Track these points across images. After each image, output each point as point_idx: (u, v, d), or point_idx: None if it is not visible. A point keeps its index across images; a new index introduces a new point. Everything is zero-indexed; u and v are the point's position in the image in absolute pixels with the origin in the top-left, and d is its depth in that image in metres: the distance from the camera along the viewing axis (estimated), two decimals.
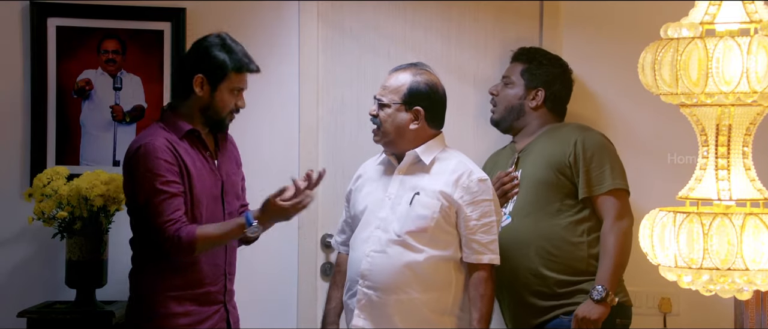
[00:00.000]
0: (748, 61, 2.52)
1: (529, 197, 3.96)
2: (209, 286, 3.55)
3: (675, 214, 2.64)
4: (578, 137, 3.94)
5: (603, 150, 3.93)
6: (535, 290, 3.91)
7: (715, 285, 2.62)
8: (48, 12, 4.30)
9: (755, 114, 2.64)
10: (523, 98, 4.12)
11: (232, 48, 3.55)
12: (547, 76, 4.13)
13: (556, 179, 3.93)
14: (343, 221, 3.93)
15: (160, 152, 3.42)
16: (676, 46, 2.59)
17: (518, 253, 3.91)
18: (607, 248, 3.84)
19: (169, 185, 3.41)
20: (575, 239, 3.91)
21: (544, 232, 3.91)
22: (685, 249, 2.61)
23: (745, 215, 2.58)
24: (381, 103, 3.72)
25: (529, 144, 4.08)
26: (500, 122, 4.18)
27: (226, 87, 3.54)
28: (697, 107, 2.65)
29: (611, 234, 3.85)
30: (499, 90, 4.18)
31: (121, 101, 4.36)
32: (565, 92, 4.19)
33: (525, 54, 4.18)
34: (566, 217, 3.92)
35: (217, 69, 3.52)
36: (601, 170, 3.90)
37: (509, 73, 4.18)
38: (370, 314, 3.68)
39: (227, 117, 3.59)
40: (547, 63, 4.15)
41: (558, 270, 3.89)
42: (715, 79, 2.55)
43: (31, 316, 4.07)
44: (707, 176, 2.67)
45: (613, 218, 3.85)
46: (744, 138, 2.66)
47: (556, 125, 4.12)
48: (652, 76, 2.65)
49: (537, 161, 3.99)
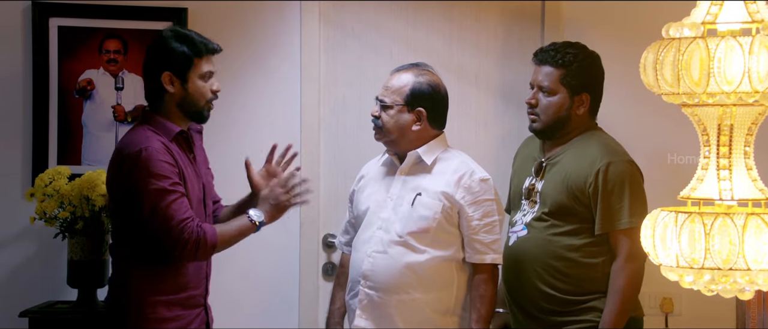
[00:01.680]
0: (749, 61, 2.52)
1: (547, 213, 3.82)
2: (193, 289, 3.52)
3: (677, 214, 2.64)
4: (602, 164, 3.73)
5: (624, 184, 3.73)
6: (543, 306, 3.81)
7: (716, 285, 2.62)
8: (50, 12, 4.30)
9: (757, 114, 2.64)
10: (569, 107, 3.83)
11: (186, 36, 3.47)
12: (590, 78, 3.86)
13: (572, 204, 3.77)
14: (347, 222, 3.93)
15: (161, 155, 3.36)
16: (678, 46, 2.59)
17: (529, 267, 3.82)
18: (615, 288, 3.72)
19: (177, 186, 3.37)
20: (589, 260, 3.77)
21: (557, 252, 3.78)
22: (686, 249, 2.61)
23: (746, 215, 2.57)
24: (383, 104, 3.72)
25: (556, 153, 3.87)
26: (545, 131, 3.87)
27: (194, 75, 3.45)
28: (699, 107, 2.65)
29: (622, 275, 3.71)
30: (538, 99, 3.86)
31: (122, 101, 4.36)
32: (602, 85, 3.92)
33: (558, 57, 3.83)
34: (582, 238, 3.78)
35: (181, 60, 3.44)
36: (620, 206, 3.72)
37: (546, 80, 3.83)
38: (372, 314, 3.68)
39: (205, 107, 3.50)
40: (585, 64, 3.85)
41: (568, 289, 3.78)
42: (717, 79, 2.54)
43: (33, 316, 4.08)
44: (709, 176, 2.66)
45: (625, 258, 3.70)
46: (746, 138, 2.65)
47: (587, 135, 3.87)
48: (654, 76, 2.65)
49: (558, 180, 3.81)
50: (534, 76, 3.89)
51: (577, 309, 3.78)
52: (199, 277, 3.53)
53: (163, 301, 3.43)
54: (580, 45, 3.89)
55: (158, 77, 3.44)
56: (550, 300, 3.79)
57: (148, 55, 3.49)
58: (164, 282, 3.43)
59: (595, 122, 3.92)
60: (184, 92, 3.45)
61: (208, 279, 3.60)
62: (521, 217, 3.90)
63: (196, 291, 3.53)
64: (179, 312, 3.47)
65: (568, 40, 3.92)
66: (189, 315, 3.50)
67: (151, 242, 3.36)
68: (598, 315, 3.75)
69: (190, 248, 3.33)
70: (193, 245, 3.33)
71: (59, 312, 4.11)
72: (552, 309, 3.79)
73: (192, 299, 3.51)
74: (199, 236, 3.34)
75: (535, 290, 3.81)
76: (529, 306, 3.85)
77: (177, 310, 3.46)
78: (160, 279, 3.43)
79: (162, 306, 3.43)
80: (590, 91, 3.86)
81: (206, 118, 3.53)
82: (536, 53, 3.90)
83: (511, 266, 3.86)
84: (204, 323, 3.57)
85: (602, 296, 3.76)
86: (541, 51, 3.89)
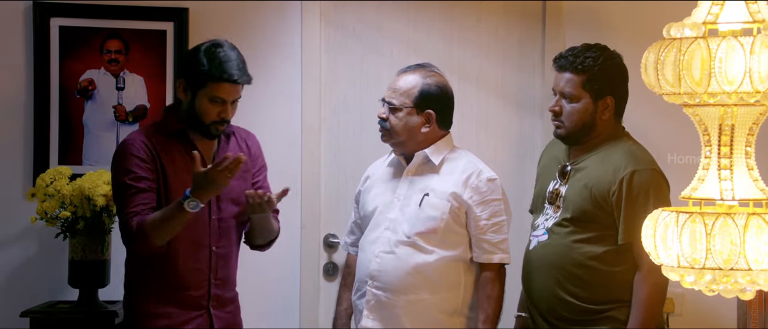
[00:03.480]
0: (751, 61, 2.52)
1: (568, 219, 3.75)
2: (191, 290, 3.53)
3: (678, 214, 2.63)
4: (626, 173, 3.66)
5: (648, 193, 3.65)
6: (561, 313, 3.75)
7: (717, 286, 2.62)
8: (51, 12, 4.30)
9: (758, 114, 2.64)
10: (593, 112, 3.74)
11: (217, 55, 3.46)
12: (612, 81, 3.77)
13: (595, 211, 3.70)
14: (353, 223, 3.92)
15: (134, 149, 3.47)
16: (679, 46, 2.59)
17: (548, 272, 3.75)
18: (639, 299, 3.64)
19: (139, 180, 3.45)
20: (609, 269, 3.70)
21: (578, 259, 3.71)
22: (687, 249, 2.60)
23: (747, 215, 2.57)
24: (392, 106, 3.69)
25: (582, 158, 3.80)
26: (570, 137, 3.79)
27: (204, 95, 3.48)
28: (700, 107, 2.64)
29: (645, 286, 3.64)
30: (561, 106, 3.77)
31: (123, 101, 4.36)
32: (627, 86, 3.82)
33: (578, 63, 3.74)
34: (603, 246, 3.71)
35: (196, 75, 3.48)
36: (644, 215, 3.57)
37: (567, 87, 3.74)
38: (379, 314, 3.68)
39: (211, 126, 3.52)
40: (606, 67, 3.75)
41: (587, 297, 3.71)
42: (718, 79, 2.54)
43: (35, 316, 4.08)
44: (710, 176, 2.66)
45: (649, 268, 3.57)
46: (747, 138, 2.65)
47: (614, 142, 3.78)
48: (655, 76, 2.65)
49: (581, 186, 3.74)
50: (555, 82, 3.81)
51: (595, 319, 3.71)
52: (198, 278, 3.53)
53: (153, 296, 3.51)
54: (601, 46, 3.79)
55: (178, 80, 3.57)
56: (568, 307, 3.72)
57: (181, 55, 3.57)
58: (156, 278, 3.52)
59: (621, 125, 3.84)
60: (191, 105, 3.51)
61: (215, 282, 3.58)
62: (544, 221, 3.81)
63: (196, 293, 3.53)
64: (171, 309, 3.50)
65: (588, 43, 3.81)
66: (183, 314, 3.52)
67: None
68: (616, 325, 3.68)
69: (126, 240, 3.48)
70: (134, 237, 3.43)
71: (60, 312, 4.11)
72: (569, 317, 3.72)
73: (190, 299, 3.52)
74: (132, 228, 3.42)
75: (554, 296, 3.73)
76: (546, 312, 3.77)
77: (169, 307, 3.50)
78: (154, 275, 3.52)
79: (152, 300, 3.50)
80: (614, 93, 3.77)
81: (212, 135, 3.56)
82: (556, 59, 3.81)
83: (530, 270, 3.83)
84: (207, 326, 3.57)
85: (621, 305, 3.69)
86: (560, 57, 3.80)
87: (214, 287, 3.59)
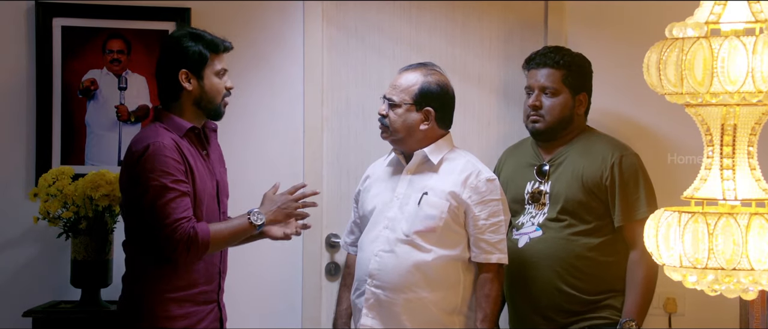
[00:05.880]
0: (753, 61, 2.52)
1: (561, 212, 3.88)
2: (204, 285, 3.52)
3: (680, 214, 2.63)
4: (615, 158, 3.86)
5: (638, 174, 3.86)
6: (563, 305, 3.85)
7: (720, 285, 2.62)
8: (53, 12, 4.31)
9: (760, 114, 2.64)
10: (572, 107, 3.96)
11: (200, 35, 3.52)
12: (586, 80, 4.02)
13: (589, 200, 3.85)
14: (352, 222, 3.93)
15: (168, 151, 3.37)
16: (681, 46, 2.59)
17: (544, 266, 3.85)
18: (635, 280, 3.80)
19: (179, 183, 3.36)
20: (606, 259, 3.86)
21: (577, 251, 3.84)
22: (690, 249, 2.60)
23: (750, 215, 2.57)
24: (392, 102, 3.72)
25: (558, 154, 3.97)
26: (548, 132, 3.97)
27: (210, 72, 3.49)
28: (702, 107, 2.64)
29: (641, 266, 3.79)
30: (541, 101, 3.96)
31: (126, 101, 4.37)
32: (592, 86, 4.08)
33: (558, 58, 3.97)
34: (599, 237, 3.86)
35: (196, 58, 3.48)
36: (636, 197, 3.83)
37: (548, 82, 3.96)
38: (379, 313, 3.69)
39: (221, 104, 3.54)
40: (582, 65, 4.01)
41: (588, 288, 3.84)
42: (720, 79, 2.54)
43: (37, 316, 4.08)
44: (712, 176, 2.66)
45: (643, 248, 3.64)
46: (749, 138, 2.65)
47: (587, 135, 4.00)
48: (657, 76, 2.65)
49: (569, 178, 3.89)
50: (531, 80, 4.00)
51: (595, 308, 3.84)
52: (210, 273, 3.53)
53: (173, 298, 3.43)
54: (568, 49, 4.06)
55: (174, 76, 3.47)
56: (570, 299, 3.84)
57: (163, 54, 3.53)
58: (174, 279, 3.43)
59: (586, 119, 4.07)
60: (200, 90, 3.49)
61: (222, 275, 3.60)
62: (529, 219, 3.91)
63: (208, 288, 3.53)
64: (190, 308, 3.47)
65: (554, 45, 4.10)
66: (201, 311, 3.51)
67: (148, 237, 3.37)
68: (614, 312, 3.82)
69: (181, 248, 3.33)
70: (184, 246, 3.33)
71: (63, 312, 4.11)
72: (571, 308, 3.84)
73: (204, 295, 3.52)
74: (190, 237, 3.33)
75: (556, 289, 3.85)
76: (547, 306, 3.86)
77: (188, 307, 3.47)
78: (171, 276, 3.43)
79: (173, 303, 3.43)
80: (587, 91, 4.02)
81: (222, 114, 3.57)
82: (530, 59, 4.03)
83: (522, 267, 3.86)
84: (217, 320, 3.57)
85: (616, 294, 3.84)
86: (536, 55, 4.02)
87: (222, 279, 3.62)
